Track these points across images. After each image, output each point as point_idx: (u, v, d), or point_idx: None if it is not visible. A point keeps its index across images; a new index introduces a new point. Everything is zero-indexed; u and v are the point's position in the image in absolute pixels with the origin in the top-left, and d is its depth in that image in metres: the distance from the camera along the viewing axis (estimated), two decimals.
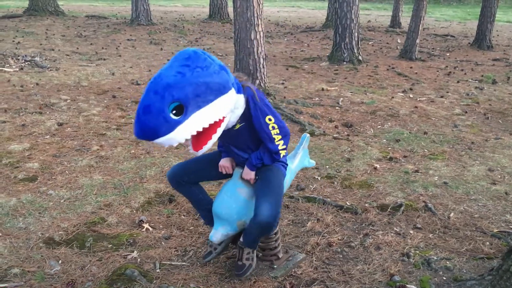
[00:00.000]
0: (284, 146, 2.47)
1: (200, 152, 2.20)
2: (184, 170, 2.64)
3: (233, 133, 2.43)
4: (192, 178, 2.64)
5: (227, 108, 2.17)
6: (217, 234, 2.59)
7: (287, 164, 2.68)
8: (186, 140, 2.08)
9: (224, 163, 2.63)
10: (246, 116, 2.37)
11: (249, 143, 2.51)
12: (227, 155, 2.66)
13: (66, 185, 3.83)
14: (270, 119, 2.37)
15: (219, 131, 2.19)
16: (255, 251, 2.66)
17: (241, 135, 2.46)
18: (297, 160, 2.96)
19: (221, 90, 2.11)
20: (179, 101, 1.98)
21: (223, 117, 2.18)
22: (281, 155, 2.50)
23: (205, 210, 2.73)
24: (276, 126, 2.39)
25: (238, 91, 2.26)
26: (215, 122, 2.14)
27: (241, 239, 2.61)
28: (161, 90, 1.96)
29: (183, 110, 2.01)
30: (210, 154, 2.73)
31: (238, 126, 2.40)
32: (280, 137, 2.41)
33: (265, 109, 2.36)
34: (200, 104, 2.04)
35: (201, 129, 2.09)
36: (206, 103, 2.06)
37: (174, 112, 1.99)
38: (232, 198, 2.56)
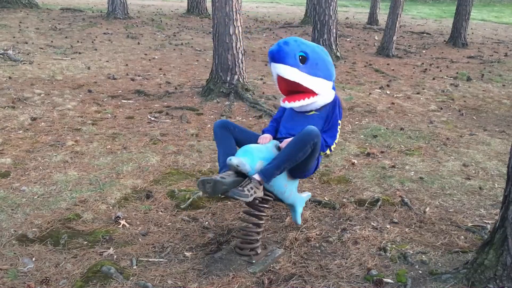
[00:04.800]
0: (334, 147, 2.96)
1: (289, 105, 2.88)
2: (234, 124, 3.00)
3: (302, 117, 2.95)
4: (236, 133, 2.97)
5: (324, 91, 2.88)
6: (236, 158, 2.63)
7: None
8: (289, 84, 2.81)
9: (264, 135, 3.00)
10: (324, 110, 2.94)
11: None
12: (269, 132, 3.05)
13: (40, 181, 3.74)
14: (339, 123, 2.98)
15: (311, 99, 2.85)
16: (257, 192, 2.61)
17: (308, 122, 2.88)
18: (299, 197, 3.11)
19: (327, 75, 2.90)
20: (305, 54, 2.79)
21: (317, 94, 2.85)
22: (327, 151, 2.95)
23: (226, 157, 2.75)
24: (339, 131, 2.97)
25: (333, 88, 2.97)
26: (312, 91, 2.83)
27: (254, 175, 2.64)
28: (299, 42, 2.83)
29: (304, 62, 2.78)
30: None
31: (312, 112, 2.94)
32: (337, 140, 2.97)
33: (341, 115, 2.99)
34: (311, 71, 2.80)
35: (304, 85, 2.79)
36: (315, 75, 2.82)
37: (300, 58, 2.76)
38: (265, 147, 2.80)
